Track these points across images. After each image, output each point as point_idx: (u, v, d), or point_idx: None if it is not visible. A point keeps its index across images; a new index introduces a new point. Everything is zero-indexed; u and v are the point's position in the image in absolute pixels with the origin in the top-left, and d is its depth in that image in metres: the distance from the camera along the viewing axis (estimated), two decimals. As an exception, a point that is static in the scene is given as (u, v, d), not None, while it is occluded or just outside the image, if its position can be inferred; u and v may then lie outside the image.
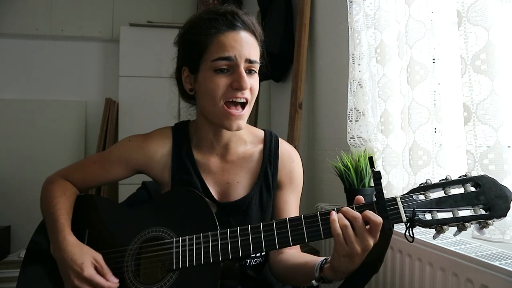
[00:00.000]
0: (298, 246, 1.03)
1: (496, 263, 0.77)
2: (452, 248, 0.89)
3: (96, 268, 0.87)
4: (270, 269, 1.03)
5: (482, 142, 0.87)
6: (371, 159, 0.78)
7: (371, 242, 0.73)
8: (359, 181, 1.27)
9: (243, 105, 0.92)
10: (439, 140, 1.04)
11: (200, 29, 0.92)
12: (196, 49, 0.92)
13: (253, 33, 0.94)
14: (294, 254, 0.99)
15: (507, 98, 0.84)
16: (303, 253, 1.01)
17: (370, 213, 0.73)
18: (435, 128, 1.04)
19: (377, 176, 0.74)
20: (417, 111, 1.07)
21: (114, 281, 0.87)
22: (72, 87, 3.72)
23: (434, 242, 0.94)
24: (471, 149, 0.89)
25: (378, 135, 1.33)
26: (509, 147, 0.84)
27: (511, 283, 0.73)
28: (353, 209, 0.75)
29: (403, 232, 0.73)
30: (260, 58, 0.96)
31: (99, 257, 0.88)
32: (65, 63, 3.71)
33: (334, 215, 0.75)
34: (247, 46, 0.91)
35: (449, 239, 0.97)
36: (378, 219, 0.72)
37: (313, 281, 0.82)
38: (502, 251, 0.86)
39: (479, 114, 0.87)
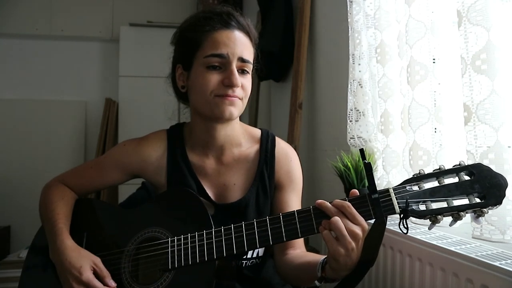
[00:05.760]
0: (303, 246, 1.02)
1: (496, 263, 0.77)
2: (452, 248, 0.89)
3: (95, 272, 0.87)
4: (277, 272, 1.03)
5: (482, 142, 0.86)
6: (362, 151, 0.77)
7: (356, 229, 0.72)
8: (359, 181, 1.27)
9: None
10: (439, 140, 1.03)
11: (195, 27, 0.93)
12: (190, 46, 0.93)
13: (247, 33, 0.95)
14: (298, 254, 0.98)
15: (507, 98, 0.84)
16: (307, 252, 1.00)
17: (336, 201, 0.74)
18: (435, 128, 1.04)
19: (369, 167, 0.74)
20: (417, 111, 1.07)
21: (113, 285, 0.87)
22: (72, 87, 3.72)
23: (434, 242, 0.94)
24: (471, 149, 0.88)
25: (378, 135, 1.32)
26: (509, 147, 0.83)
27: (511, 283, 0.73)
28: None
29: (404, 231, 0.72)
30: (254, 60, 0.96)
31: (97, 260, 0.89)
32: (65, 63, 3.71)
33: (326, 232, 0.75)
34: (240, 44, 0.91)
35: (449, 239, 0.97)
36: (345, 203, 0.73)
37: (316, 282, 0.81)
38: (502, 251, 0.86)
39: (479, 114, 0.86)
